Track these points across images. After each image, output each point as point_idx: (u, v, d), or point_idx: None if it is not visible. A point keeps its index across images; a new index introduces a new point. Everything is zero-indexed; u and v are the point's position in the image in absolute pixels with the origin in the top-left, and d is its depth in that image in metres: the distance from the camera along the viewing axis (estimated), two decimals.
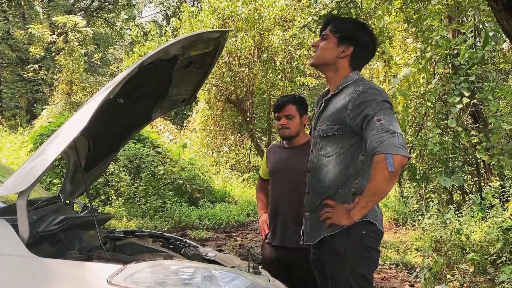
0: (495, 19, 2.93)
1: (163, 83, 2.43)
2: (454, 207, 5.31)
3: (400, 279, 4.55)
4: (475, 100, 5.76)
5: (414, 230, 6.05)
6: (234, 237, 6.48)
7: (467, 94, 5.42)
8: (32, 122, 15.16)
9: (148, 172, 8.04)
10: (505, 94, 4.83)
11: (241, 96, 11.62)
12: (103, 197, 7.64)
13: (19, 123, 15.98)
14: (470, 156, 6.58)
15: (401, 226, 6.85)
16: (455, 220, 4.95)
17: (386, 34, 6.70)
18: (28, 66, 19.54)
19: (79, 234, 2.02)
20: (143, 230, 2.66)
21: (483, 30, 6.33)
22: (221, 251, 2.60)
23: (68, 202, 2.47)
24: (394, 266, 4.99)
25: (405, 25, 6.65)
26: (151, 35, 11.39)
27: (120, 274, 1.56)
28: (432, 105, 6.10)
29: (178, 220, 7.07)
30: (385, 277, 4.62)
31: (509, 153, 5.35)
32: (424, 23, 5.87)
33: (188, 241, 2.59)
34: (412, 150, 6.64)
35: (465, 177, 6.50)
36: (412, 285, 4.34)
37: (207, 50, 2.31)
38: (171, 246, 2.48)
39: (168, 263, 1.73)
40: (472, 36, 5.82)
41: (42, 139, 7.84)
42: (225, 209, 7.92)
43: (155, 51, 1.92)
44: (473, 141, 5.80)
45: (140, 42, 11.42)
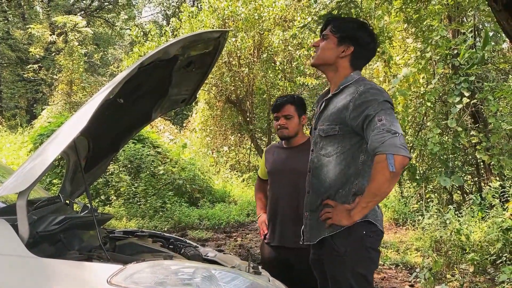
0: (495, 19, 2.93)
1: (163, 83, 2.43)
2: (454, 207, 5.31)
3: (400, 279, 4.55)
4: (475, 100, 5.76)
5: (414, 230, 6.05)
6: (234, 237, 6.48)
7: (467, 94, 5.42)
8: (32, 122, 15.16)
9: (148, 172, 8.04)
10: (505, 94, 4.83)
11: (241, 96, 11.62)
12: (103, 197, 7.64)
13: (19, 123, 15.99)
14: (470, 156, 6.58)
15: (401, 226, 6.85)
16: (455, 220, 4.95)
17: (386, 34, 6.70)
18: (28, 66, 19.54)
19: (79, 234, 2.02)
20: (143, 230, 2.66)
21: (483, 30, 6.33)
22: (221, 251, 2.60)
23: (68, 202, 2.47)
24: (394, 266, 4.99)
25: (405, 25, 6.64)
26: (151, 35, 11.39)
27: (120, 274, 1.56)
28: (432, 105, 6.10)
29: (178, 220, 7.07)
30: (385, 277, 4.62)
31: (509, 153, 5.35)
32: (424, 23, 5.86)
33: (188, 241, 2.59)
34: (412, 150, 6.63)
35: (465, 177, 6.50)
36: (412, 285, 4.34)
37: (207, 50, 2.31)
38: (171, 246, 2.48)
39: (168, 263, 1.73)
40: (472, 36, 5.82)
41: (42, 139, 7.84)
42: (225, 209, 7.92)
43: (155, 51, 1.92)
44: (473, 141, 5.79)
45: (140, 42, 11.43)
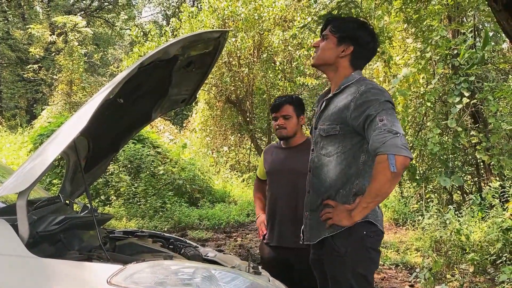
0: (495, 19, 2.93)
1: (163, 83, 2.43)
2: (454, 207, 5.31)
3: (400, 279, 4.55)
4: (475, 100, 5.76)
5: (414, 230, 6.05)
6: (234, 237, 6.48)
7: (467, 94, 5.42)
8: (32, 122, 15.16)
9: (148, 172, 8.04)
10: (505, 94, 4.83)
11: (241, 96, 11.62)
12: (103, 197, 7.63)
13: (19, 123, 15.99)
14: (470, 156, 6.58)
15: (401, 226, 6.85)
16: (455, 220, 4.95)
17: (386, 34, 6.70)
18: (28, 66, 19.54)
19: (79, 234, 2.02)
20: (143, 230, 2.66)
21: (483, 30, 6.33)
22: (221, 251, 2.60)
23: (68, 202, 2.47)
24: (394, 266, 4.99)
25: (405, 25, 6.64)
26: (151, 35, 11.39)
27: (120, 274, 1.56)
28: (432, 105, 6.10)
29: (178, 220, 7.07)
30: (385, 277, 4.62)
31: (509, 153, 5.35)
32: (424, 23, 5.86)
33: (188, 241, 2.59)
34: (412, 150, 6.62)
35: (465, 177, 6.50)
36: (412, 285, 4.33)
37: (207, 50, 2.31)
38: (171, 246, 2.48)
39: (168, 263, 1.73)
40: (472, 36, 5.82)
41: (42, 139, 7.84)
42: (225, 209, 7.92)
43: (155, 51, 1.93)
44: (473, 141, 5.79)
45: (140, 42, 11.43)
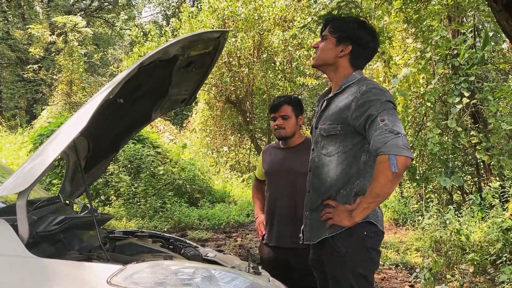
0: (495, 19, 2.93)
1: (163, 83, 2.43)
2: (454, 207, 5.31)
3: (400, 280, 4.55)
4: (475, 101, 5.76)
5: (414, 231, 6.05)
6: (234, 237, 6.47)
7: (467, 94, 5.42)
8: (32, 123, 15.16)
9: (148, 172, 8.03)
10: (505, 94, 4.83)
11: (241, 96, 11.62)
12: (102, 197, 7.63)
13: (19, 124, 15.99)
14: (470, 156, 6.58)
15: (401, 227, 6.85)
16: (455, 220, 4.94)
17: (386, 34, 6.69)
18: (28, 67, 19.54)
19: (78, 235, 2.02)
20: (143, 230, 2.66)
21: (483, 30, 6.33)
22: (221, 251, 2.60)
23: (67, 202, 2.47)
24: (394, 266, 4.99)
25: (405, 25, 6.64)
26: (150, 35, 11.40)
27: (120, 274, 1.56)
28: (432, 105, 6.10)
29: (177, 220, 7.07)
30: (385, 277, 4.62)
31: (509, 153, 5.35)
32: (424, 23, 5.86)
33: (188, 241, 2.59)
34: (412, 150, 6.60)
35: (465, 177, 6.49)
36: (412, 286, 4.33)
37: (207, 50, 2.31)
38: (171, 246, 2.48)
39: (168, 263, 1.73)
40: (472, 36, 5.82)
41: (41, 140, 7.84)
42: (225, 209, 7.91)
43: (155, 51, 1.93)
44: (473, 141, 5.79)
45: (140, 43, 11.44)
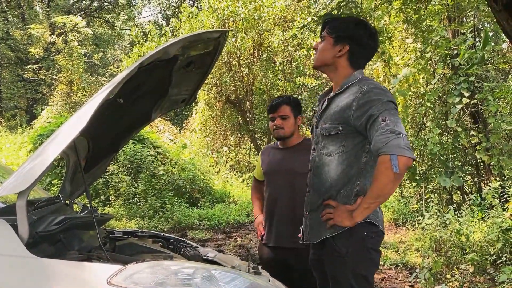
0: (495, 20, 2.93)
1: (163, 83, 2.43)
2: (454, 207, 5.31)
3: (400, 280, 4.55)
4: (474, 101, 5.76)
5: (414, 231, 6.05)
6: (234, 237, 6.47)
7: (466, 94, 5.42)
8: (32, 123, 15.15)
9: (147, 172, 8.03)
10: (505, 94, 4.83)
11: (240, 96, 11.62)
12: (102, 197, 7.63)
13: (19, 124, 15.98)
14: (470, 157, 6.58)
15: (401, 227, 6.85)
16: (455, 220, 4.94)
17: (386, 34, 6.69)
18: (28, 67, 19.54)
19: (78, 235, 2.02)
20: (143, 230, 2.66)
21: (483, 30, 6.33)
22: (221, 251, 2.60)
23: (67, 202, 2.47)
24: (394, 266, 4.99)
25: (405, 25, 6.65)
26: (150, 35, 11.39)
27: (120, 274, 1.56)
28: (432, 106, 6.10)
29: (177, 220, 7.07)
30: (385, 277, 4.62)
31: (509, 153, 5.35)
32: (424, 24, 5.86)
33: (187, 241, 2.59)
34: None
35: (465, 178, 6.49)
36: (412, 286, 4.33)
37: (207, 50, 2.31)
38: (171, 246, 2.48)
39: (168, 263, 1.73)
40: (471, 37, 5.82)
41: (41, 140, 7.83)
42: (224, 209, 7.91)
43: (154, 51, 1.92)
44: (473, 141, 5.80)
45: (140, 43, 11.43)
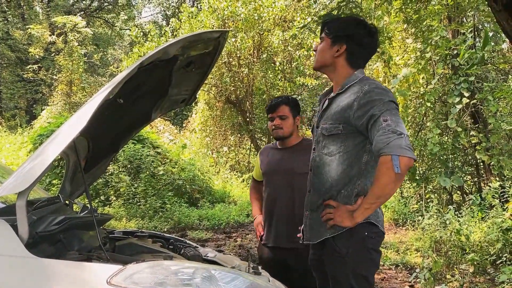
0: (495, 20, 2.93)
1: (163, 83, 2.43)
2: (454, 207, 5.31)
3: (400, 280, 4.55)
4: (474, 101, 5.76)
5: (414, 231, 6.05)
6: (234, 237, 6.47)
7: (466, 94, 5.42)
8: (32, 123, 15.15)
9: (147, 172, 8.03)
10: (505, 95, 4.83)
11: (240, 96, 11.62)
12: (102, 197, 7.63)
13: (19, 124, 15.97)
14: (470, 157, 6.58)
15: (401, 227, 6.85)
16: (455, 220, 4.95)
17: (386, 35, 6.69)
18: (28, 67, 19.54)
19: (78, 235, 2.02)
20: (143, 230, 2.66)
21: (483, 30, 6.33)
22: (221, 251, 2.60)
23: (67, 202, 2.47)
24: (394, 266, 4.99)
25: (405, 25, 6.65)
26: (150, 35, 11.39)
27: (120, 274, 1.56)
28: (432, 106, 6.09)
29: (177, 220, 7.07)
30: (385, 277, 4.62)
31: (509, 153, 5.35)
32: (424, 24, 5.86)
33: (187, 241, 2.59)
34: None
35: (465, 178, 6.49)
36: (412, 286, 4.33)
37: (207, 50, 2.31)
38: (170, 246, 2.48)
39: (167, 263, 1.73)
40: (471, 37, 5.82)
41: (41, 140, 7.83)
42: (224, 209, 7.91)
43: (154, 51, 1.92)
44: (473, 142, 5.80)
45: (140, 43, 11.43)
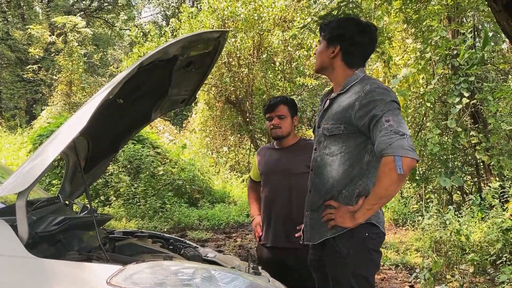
0: (495, 20, 2.93)
1: (163, 83, 2.43)
2: (453, 207, 5.32)
3: (400, 280, 4.55)
4: (474, 101, 5.76)
5: (414, 231, 6.05)
6: (234, 237, 6.47)
7: (466, 94, 5.42)
8: (32, 123, 15.14)
9: (147, 172, 8.03)
10: (505, 95, 4.83)
11: (240, 96, 11.62)
12: (102, 197, 7.63)
13: (19, 124, 15.96)
14: (470, 157, 6.58)
15: (401, 227, 6.85)
16: (455, 220, 4.95)
17: (385, 35, 6.69)
18: (28, 67, 19.53)
19: (78, 235, 2.02)
20: (143, 230, 2.66)
21: (483, 30, 6.33)
22: (221, 251, 2.60)
23: (67, 202, 2.47)
24: (394, 266, 4.99)
25: (405, 25, 6.65)
26: (150, 35, 11.39)
27: (120, 274, 1.56)
28: (432, 106, 6.10)
29: (177, 220, 7.06)
30: (385, 277, 4.62)
31: (509, 153, 5.35)
32: (424, 24, 5.86)
33: (187, 241, 2.59)
34: None
35: (465, 178, 6.49)
36: (412, 286, 4.33)
37: (207, 50, 2.31)
38: (170, 246, 2.48)
39: (167, 263, 1.73)
40: (471, 37, 5.82)
41: (41, 140, 7.83)
42: (224, 209, 7.90)
43: (154, 51, 1.92)
44: (473, 142, 5.80)
45: (140, 43, 11.43)
